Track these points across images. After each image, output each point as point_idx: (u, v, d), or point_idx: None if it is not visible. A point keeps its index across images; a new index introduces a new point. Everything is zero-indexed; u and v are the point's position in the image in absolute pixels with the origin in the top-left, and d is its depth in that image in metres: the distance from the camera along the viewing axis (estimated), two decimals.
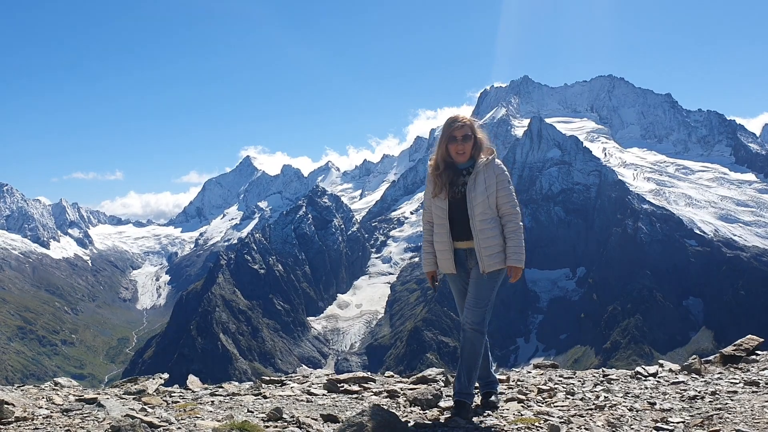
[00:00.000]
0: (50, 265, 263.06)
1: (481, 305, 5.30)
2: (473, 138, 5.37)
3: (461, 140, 5.29)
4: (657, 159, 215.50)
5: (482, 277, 5.31)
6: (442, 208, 5.36)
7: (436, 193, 5.39)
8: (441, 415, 5.13)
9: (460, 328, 5.41)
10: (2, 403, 4.82)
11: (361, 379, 6.83)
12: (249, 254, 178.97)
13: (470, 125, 5.38)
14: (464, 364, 5.28)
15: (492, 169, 5.39)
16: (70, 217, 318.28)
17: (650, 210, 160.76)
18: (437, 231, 5.44)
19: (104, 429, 4.43)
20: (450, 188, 5.37)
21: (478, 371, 5.38)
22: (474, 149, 5.39)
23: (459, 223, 5.34)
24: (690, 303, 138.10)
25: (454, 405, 5.21)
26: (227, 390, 6.39)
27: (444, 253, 5.40)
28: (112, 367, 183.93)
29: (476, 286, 5.34)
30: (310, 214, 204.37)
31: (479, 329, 5.30)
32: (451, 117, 5.41)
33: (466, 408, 5.13)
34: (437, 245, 5.45)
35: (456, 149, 5.30)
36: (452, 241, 5.39)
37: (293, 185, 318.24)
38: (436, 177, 5.41)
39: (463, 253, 5.43)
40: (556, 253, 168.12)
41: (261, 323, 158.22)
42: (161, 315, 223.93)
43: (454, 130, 5.32)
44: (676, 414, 4.81)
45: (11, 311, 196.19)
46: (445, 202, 5.34)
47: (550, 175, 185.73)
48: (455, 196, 5.35)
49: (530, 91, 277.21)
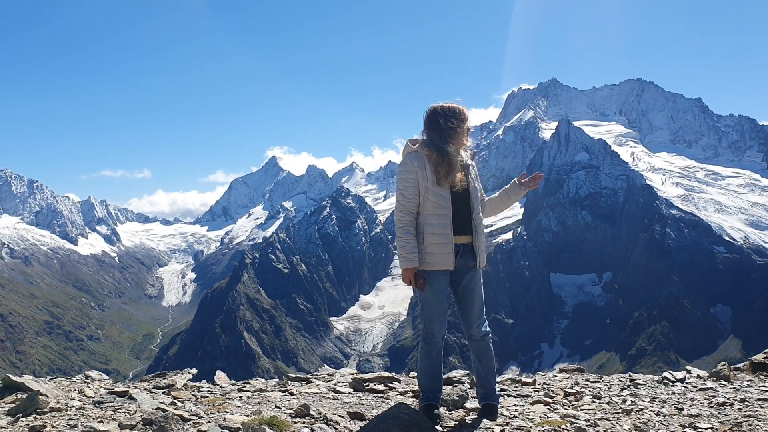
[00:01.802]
0: (78, 261, 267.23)
1: (483, 308, 5.26)
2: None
3: (467, 134, 5.20)
4: (686, 164, 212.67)
5: (477, 276, 5.19)
6: (445, 197, 4.98)
7: (444, 182, 4.97)
8: (467, 416, 5.15)
9: (470, 341, 5.28)
10: (38, 394, 4.94)
11: (387, 379, 6.85)
12: (273, 253, 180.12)
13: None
14: (485, 367, 5.24)
15: (474, 165, 5.30)
16: (98, 214, 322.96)
17: (678, 215, 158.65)
18: (435, 222, 4.98)
19: (136, 421, 4.52)
20: (456, 179, 5.08)
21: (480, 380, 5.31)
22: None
23: (459, 216, 5.05)
24: (718, 311, 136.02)
25: (482, 408, 5.17)
26: (254, 386, 6.46)
27: (444, 247, 4.96)
28: (137, 363, 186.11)
29: (477, 289, 5.20)
30: (334, 214, 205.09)
31: (489, 331, 5.33)
32: (462, 110, 5.12)
33: (494, 410, 5.12)
34: (433, 238, 4.97)
35: (467, 144, 5.24)
36: (453, 235, 5.03)
37: (318, 185, 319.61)
38: (447, 162, 4.98)
39: (456, 249, 5.07)
40: (582, 257, 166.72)
41: (284, 322, 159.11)
42: (186, 312, 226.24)
43: (469, 127, 5.21)
44: (705, 420, 4.77)
45: (39, 306, 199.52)
46: (448, 191, 4.98)
47: (577, 179, 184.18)
48: (456, 188, 5.05)
49: (558, 93, 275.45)
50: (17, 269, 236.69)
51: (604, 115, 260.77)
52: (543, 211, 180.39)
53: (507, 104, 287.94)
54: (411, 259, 4.96)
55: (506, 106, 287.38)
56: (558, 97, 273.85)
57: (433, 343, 5.21)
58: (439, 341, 5.21)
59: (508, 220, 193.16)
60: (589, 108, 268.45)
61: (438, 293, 5.09)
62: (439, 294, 5.09)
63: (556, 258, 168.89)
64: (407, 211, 5.05)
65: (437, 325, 5.15)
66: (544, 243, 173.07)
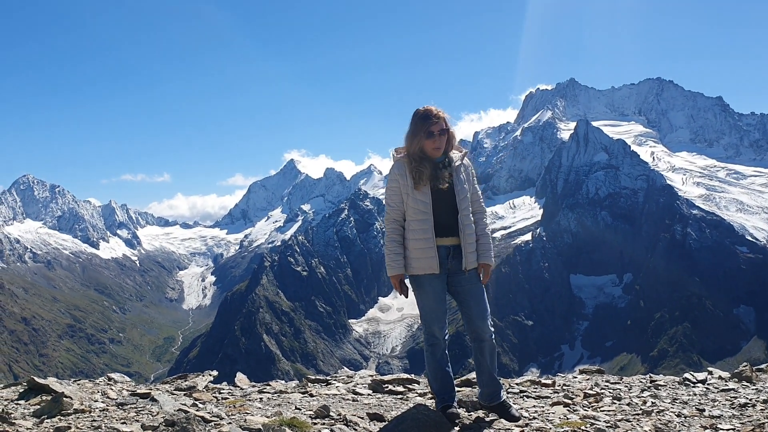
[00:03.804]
0: (99, 265, 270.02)
1: (487, 309, 5.17)
2: (447, 132, 5.10)
3: (438, 135, 5.03)
4: (707, 163, 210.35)
5: (474, 277, 5.12)
6: (425, 202, 5.00)
7: (419, 186, 5.00)
8: (486, 417, 5.16)
9: (475, 344, 5.18)
10: (62, 396, 5.02)
11: (406, 381, 6.88)
12: (292, 256, 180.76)
13: (444, 119, 5.11)
14: (492, 367, 5.19)
15: (466, 165, 5.23)
16: (119, 218, 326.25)
17: (700, 215, 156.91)
18: (417, 227, 5.04)
19: (158, 422, 4.58)
20: (433, 181, 5.05)
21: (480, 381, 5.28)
22: (447, 144, 5.14)
23: (443, 217, 5.04)
24: (741, 311, 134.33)
25: (498, 409, 5.11)
26: (275, 388, 6.51)
27: (427, 251, 4.98)
28: (158, 366, 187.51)
29: (478, 292, 5.14)
30: (352, 217, 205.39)
31: (493, 335, 5.21)
32: (425, 110, 5.09)
33: (506, 407, 5.08)
34: (416, 243, 5.04)
35: (434, 144, 5.03)
36: (435, 237, 5.02)
37: (336, 188, 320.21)
38: (415, 169, 5.02)
39: (444, 251, 5.07)
40: (602, 258, 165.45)
41: (303, 324, 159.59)
42: (206, 315, 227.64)
43: (431, 126, 5.02)
44: (726, 421, 4.73)
45: (62, 309, 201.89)
46: (429, 194, 5.01)
47: (596, 179, 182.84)
48: (440, 189, 5.04)
49: (576, 93, 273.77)
50: (40, 273, 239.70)
51: (624, 115, 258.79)
52: (562, 212, 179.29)
53: (525, 105, 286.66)
54: (394, 266, 5.13)
55: (524, 107, 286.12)
56: (576, 98, 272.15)
57: (436, 344, 5.21)
58: (441, 342, 5.21)
59: (527, 221, 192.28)
60: (607, 108, 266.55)
61: (432, 297, 5.11)
62: (433, 297, 5.11)
63: (575, 259, 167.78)
64: (392, 219, 5.20)
65: (437, 327, 5.16)
66: (564, 244, 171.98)
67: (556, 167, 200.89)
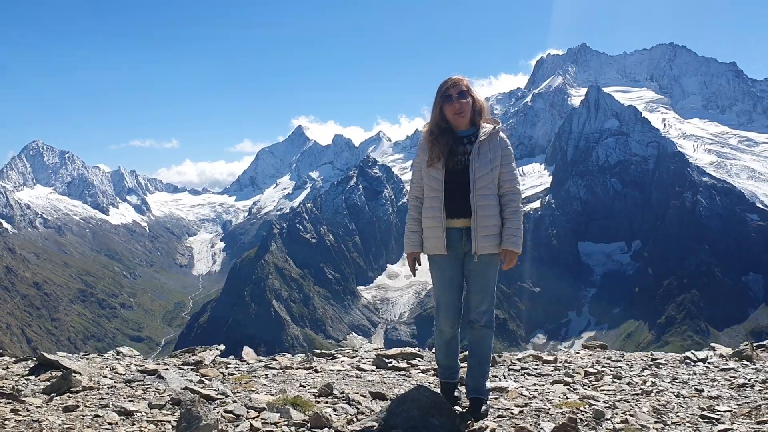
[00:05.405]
0: (109, 231, 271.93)
1: (489, 296, 4.79)
2: (471, 98, 4.70)
3: (457, 97, 4.65)
4: (719, 130, 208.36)
5: (485, 263, 4.74)
6: (437, 179, 4.68)
7: (432, 162, 4.69)
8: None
9: (467, 325, 4.85)
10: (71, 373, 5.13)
11: (409, 355, 6.98)
12: (301, 224, 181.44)
13: (466, 83, 4.71)
14: (475, 360, 4.86)
15: (498, 140, 4.73)
16: (128, 184, 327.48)
17: (710, 183, 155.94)
18: (428, 206, 4.76)
19: (165, 401, 4.68)
20: (449, 157, 4.70)
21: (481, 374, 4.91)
22: (474, 113, 4.74)
23: (456, 197, 4.67)
24: (750, 279, 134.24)
25: (469, 403, 4.77)
26: (280, 363, 6.59)
27: (434, 231, 4.71)
28: (169, 331, 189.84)
29: (482, 276, 4.76)
30: (361, 184, 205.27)
31: (491, 324, 4.86)
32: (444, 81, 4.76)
33: (479, 406, 4.69)
34: (427, 222, 4.77)
35: (453, 108, 4.65)
36: (445, 218, 4.70)
37: (344, 155, 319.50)
38: (431, 143, 4.73)
39: (457, 234, 4.73)
40: (611, 226, 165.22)
41: (312, 291, 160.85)
42: (216, 281, 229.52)
43: (448, 89, 4.68)
44: (724, 402, 4.78)
45: (73, 275, 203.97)
46: (442, 171, 4.68)
47: (606, 146, 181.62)
48: (455, 167, 4.68)
49: (588, 59, 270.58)
50: (51, 239, 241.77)
51: (635, 80, 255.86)
52: (572, 179, 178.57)
53: (535, 70, 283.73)
54: (409, 243, 4.92)
55: (535, 73, 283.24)
56: (588, 63, 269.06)
57: (443, 335, 4.95)
58: (447, 333, 4.92)
59: (536, 188, 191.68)
60: (619, 74, 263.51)
61: (442, 280, 4.87)
62: (443, 281, 4.86)
63: (584, 226, 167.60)
64: (412, 196, 4.95)
65: (442, 316, 4.91)
66: (573, 211, 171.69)
67: (567, 134, 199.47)
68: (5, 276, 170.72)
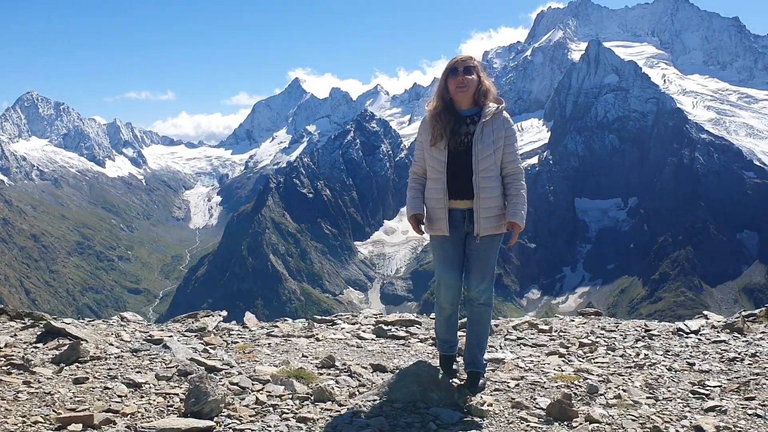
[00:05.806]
0: (106, 184, 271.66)
1: (489, 276, 4.79)
2: (477, 76, 4.63)
3: (462, 72, 4.59)
4: (719, 87, 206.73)
5: (486, 244, 4.73)
6: (440, 160, 4.64)
7: (435, 141, 4.65)
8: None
9: (467, 302, 4.90)
10: (79, 342, 5.24)
11: (408, 322, 7.13)
12: (297, 178, 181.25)
13: (475, 63, 4.68)
14: (473, 335, 4.90)
15: (501, 120, 4.68)
16: (124, 136, 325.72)
17: (708, 140, 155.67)
18: (431, 186, 4.74)
19: (172, 372, 4.80)
20: (452, 137, 4.64)
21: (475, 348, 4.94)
22: (479, 93, 4.67)
23: (458, 178, 4.64)
24: (744, 236, 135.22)
25: (467, 377, 4.87)
26: (282, 330, 6.71)
27: (438, 212, 4.70)
28: (167, 283, 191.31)
29: (483, 255, 4.75)
30: (358, 139, 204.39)
31: (490, 302, 4.87)
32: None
33: (476, 380, 4.80)
34: (430, 202, 4.75)
35: (456, 82, 4.59)
36: (448, 199, 4.68)
37: (341, 109, 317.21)
38: (435, 118, 4.68)
39: (459, 215, 4.72)
40: (608, 182, 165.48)
41: (309, 246, 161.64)
42: (213, 234, 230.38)
43: (456, 63, 4.63)
44: (714, 377, 4.92)
45: (70, 227, 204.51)
46: (444, 152, 4.63)
47: (605, 102, 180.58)
48: (458, 148, 4.64)
49: (589, 13, 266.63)
50: (47, 191, 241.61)
51: (636, 35, 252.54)
52: (570, 135, 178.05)
53: (536, 24, 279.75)
54: (411, 207, 4.86)
55: (535, 26, 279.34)
56: (588, 17, 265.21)
57: (443, 312, 4.98)
58: (448, 309, 4.95)
59: (535, 144, 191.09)
60: (620, 28, 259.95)
61: (443, 260, 4.85)
62: (444, 261, 4.85)
63: (581, 183, 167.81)
64: (413, 172, 4.94)
65: (442, 294, 4.90)
66: (570, 167, 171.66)
67: (566, 89, 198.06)
68: (3, 228, 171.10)
